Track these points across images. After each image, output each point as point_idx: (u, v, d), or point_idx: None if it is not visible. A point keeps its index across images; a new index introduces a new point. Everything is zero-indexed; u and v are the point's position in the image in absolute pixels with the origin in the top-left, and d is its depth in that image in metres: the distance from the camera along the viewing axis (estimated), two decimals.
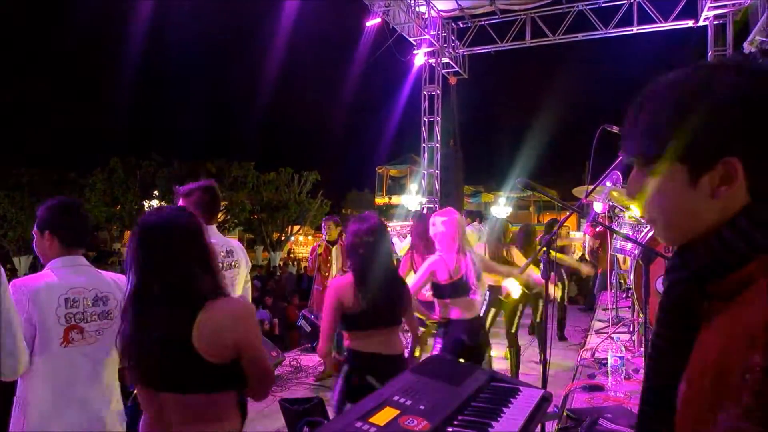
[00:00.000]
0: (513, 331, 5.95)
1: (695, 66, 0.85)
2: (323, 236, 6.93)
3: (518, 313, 6.26)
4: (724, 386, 0.72)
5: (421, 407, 1.63)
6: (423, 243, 4.91)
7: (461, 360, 3.66)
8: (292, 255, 29.66)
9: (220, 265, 3.24)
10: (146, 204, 24.56)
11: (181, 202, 3.18)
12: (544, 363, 3.68)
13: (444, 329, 3.93)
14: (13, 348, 1.97)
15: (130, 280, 1.82)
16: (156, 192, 24.85)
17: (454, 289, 3.90)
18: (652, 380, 0.94)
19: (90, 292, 2.34)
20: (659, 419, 0.89)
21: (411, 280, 4.05)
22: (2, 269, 1.98)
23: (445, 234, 3.94)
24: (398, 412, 1.60)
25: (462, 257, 3.95)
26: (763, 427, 0.67)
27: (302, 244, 39.05)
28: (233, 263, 3.36)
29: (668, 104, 0.84)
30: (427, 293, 4.16)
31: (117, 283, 2.45)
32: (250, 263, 3.60)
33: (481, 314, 5.78)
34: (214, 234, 3.28)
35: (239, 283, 3.45)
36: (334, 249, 6.65)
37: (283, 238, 27.99)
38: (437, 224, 4.00)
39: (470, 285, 3.96)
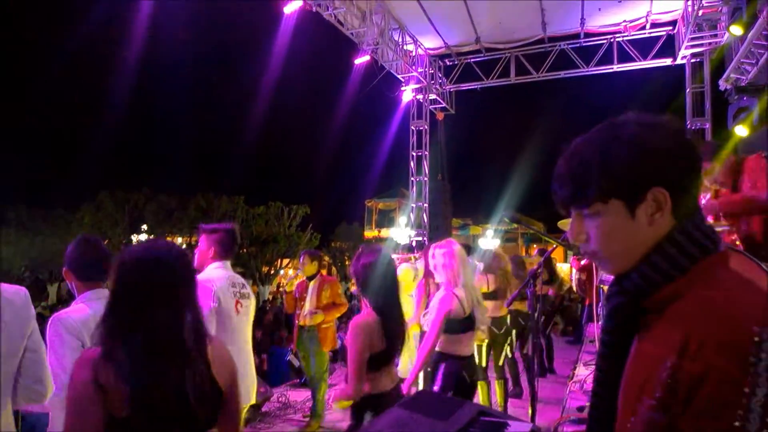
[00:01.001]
0: (500, 363, 5.97)
1: (605, 124, 1.03)
2: (299, 271, 6.36)
3: (508, 346, 6.33)
4: (647, 384, 0.87)
5: None
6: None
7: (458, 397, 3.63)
8: (281, 289, 29.46)
9: (239, 294, 3.42)
10: (135, 238, 24.40)
11: (203, 238, 3.47)
12: (533, 396, 3.67)
13: (444, 364, 3.71)
14: (42, 375, 2.05)
15: (124, 323, 1.64)
16: (145, 226, 24.72)
17: (467, 324, 3.77)
18: (598, 394, 1.07)
19: None
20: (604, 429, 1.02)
21: (425, 322, 3.80)
22: (32, 307, 2.07)
23: (447, 266, 3.79)
24: None
25: (469, 289, 3.81)
26: (668, 414, 0.82)
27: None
28: (248, 294, 3.57)
29: (591, 156, 1.00)
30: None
31: None
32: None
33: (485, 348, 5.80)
34: (228, 268, 3.51)
35: (252, 314, 3.60)
36: (310, 284, 6.08)
37: (272, 271, 27.86)
38: (437, 256, 3.84)
39: (477, 319, 3.84)
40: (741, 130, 7.24)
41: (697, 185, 0.99)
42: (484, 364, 5.65)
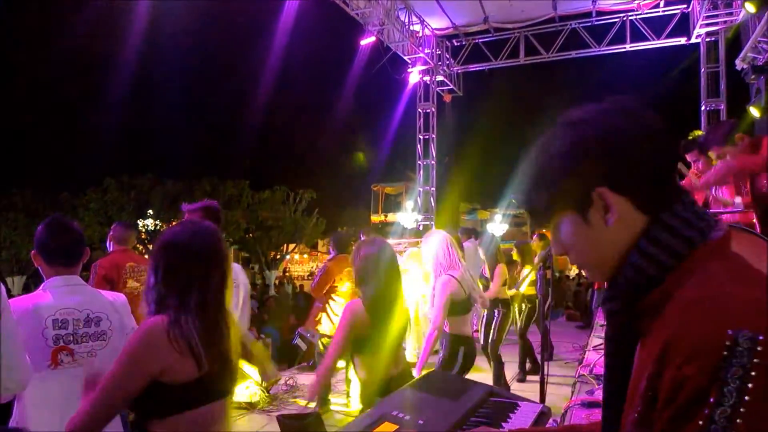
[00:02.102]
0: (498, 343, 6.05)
1: (546, 133, 0.97)
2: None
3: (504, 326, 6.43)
4: (633, 397, 0.80)
5: (420, 422, 1.62)
6: None
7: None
8: (287, 273, 29.56)
9: None
10: (141, 223, 24.44)
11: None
12: (542, 378, 3.66)
13: (463, 346, 3.88)
14: (15, 363, 1.92)
15: (177, 297, 1.77)
16: (150, 211, 24.75)
17: (467, 304, 3.92)
18: (607, 401, 0.98)
19: (81, 312, 2.30)
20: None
21: (432, 308, 3.93)
22: (2, 285, 1.95)
23: (445, 253, 3.94)
24: (396, 427, 1.58)
25: (466, 271, 3.98)
26: (648, 429, 0.75)
27: (297, 263, 38.91)
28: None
29: (528, 170, 0.98)
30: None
31: (114, 303, 2.44)
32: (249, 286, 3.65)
33: (493, 329, 5.91)
34: None
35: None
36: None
37: (278, 256, 27.91)
38: (423, 245, 4.08)
39: (473, 298, 4.04)
40: (753, 112, 7.11)
41: (663, 171, 0.88)
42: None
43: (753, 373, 0.67)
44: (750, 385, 0.66)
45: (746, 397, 0.66)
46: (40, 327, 2.20)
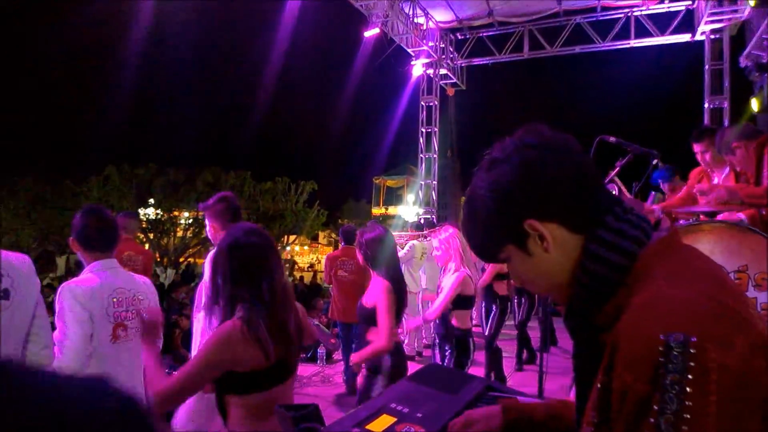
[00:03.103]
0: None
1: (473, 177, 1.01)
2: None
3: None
4: (588, 411, 0.81)
5: (419, 415, 1.62)
6: None
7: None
8: (287, 264, 29.53)
9: None
10: (142, 212, 24.43)
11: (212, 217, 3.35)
12: (540, 372, 3.69)
13: (471, 339, 4.09)
14: (50, 341, 2.13)
15: (252, 290, 1.95)
16: (152, 200, 24.72)
17: (474, 299, 4.14)
18: (577, 418, 0.98)
19: (129, 292, 2.54)
20: None
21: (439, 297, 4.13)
22: (38, 281, 2.14)
23: (458, 249, 4.12)
24: (395, 419, 1.58)
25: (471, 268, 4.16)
26: None
27: (298, 254, 38.90)
28: None
29: (466, 213, 1.02)
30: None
31: (146, 284, 2.70)
32: None
33: (491, 323, 5.99)
34: None
35: None
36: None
37: (279, 247, 27.89)
38: (437, 240, 4.23)
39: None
40: (753, 105, 7.10)
41: (583, 190, 0.91)
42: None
43: (690, 377, 0.67)
44: (689, 389, 0.66)
45: (687, 402, 0.66)
46: (104, 304, 2.42)
